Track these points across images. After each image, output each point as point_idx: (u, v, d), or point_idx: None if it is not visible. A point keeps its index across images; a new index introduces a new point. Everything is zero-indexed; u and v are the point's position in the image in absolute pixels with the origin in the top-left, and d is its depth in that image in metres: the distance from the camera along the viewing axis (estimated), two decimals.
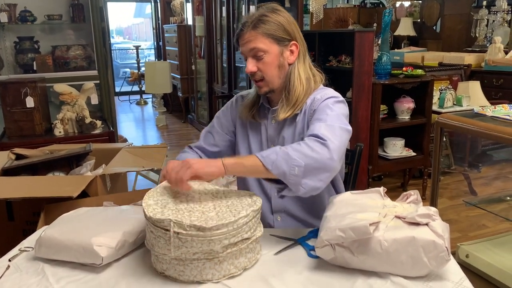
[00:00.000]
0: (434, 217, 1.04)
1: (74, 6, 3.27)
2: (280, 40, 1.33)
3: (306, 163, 1.11)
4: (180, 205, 1.09)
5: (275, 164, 1.10)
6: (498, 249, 1.95)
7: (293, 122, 1.39)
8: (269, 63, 1.33)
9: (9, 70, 3.29)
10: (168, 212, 1.04)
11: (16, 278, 1.08)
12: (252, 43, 1.31)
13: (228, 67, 5.03)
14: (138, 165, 2.10)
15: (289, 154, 1.11)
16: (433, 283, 1.00)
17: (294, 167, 1.10)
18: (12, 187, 1.81)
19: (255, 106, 1.45)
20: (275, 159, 1.11)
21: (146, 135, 6.18)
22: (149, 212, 1.04)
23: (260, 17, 1.31)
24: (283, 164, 1.10)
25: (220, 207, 1.09)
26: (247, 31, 1.31)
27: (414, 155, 3.33)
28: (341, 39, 3.25)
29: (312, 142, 1.15)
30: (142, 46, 10.12)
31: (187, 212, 1.06)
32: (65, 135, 3.00)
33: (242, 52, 1.36)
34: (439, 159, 1.98)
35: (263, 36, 1.30)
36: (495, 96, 4.10)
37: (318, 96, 1.35)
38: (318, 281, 1.03)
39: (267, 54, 1.32)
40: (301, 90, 1.36)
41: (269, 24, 1.31)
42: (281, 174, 1.11)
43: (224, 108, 1.56)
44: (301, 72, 1.37)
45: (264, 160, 1.11)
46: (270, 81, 1.35)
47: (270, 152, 1.13)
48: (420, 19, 5.80)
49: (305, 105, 1.37)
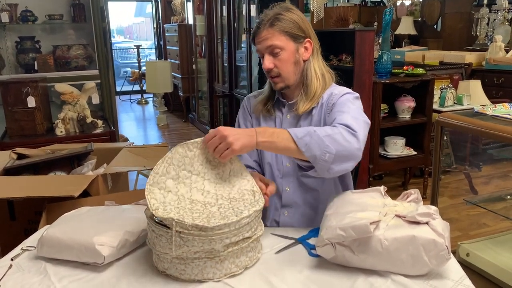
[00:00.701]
0: (434, 216, 1.04)
1: (75, 5, 3.27)
2: (296, 37, 1.37)
3: (337, 151, 1.15)
4: (182, 191, 1.10)
5: (308, 147, 1.14)
6: (498, 248, 1.95)
7: (309, 115, 1.43)
8: (286, 59, 1.37)
9: (10, 70, 3.29)
10: (169, 202, 1.05)
11: (18, 277, 1.09)
12: (269, 41, 1.35)
13: (229, 66, 5.03)
14: (139, 164, 2.11)
15: (323, 139, 1.15)
16: (433, 282, 1.00)
17: (326, 153, 1.14)
18: (13, 187, 1.82)
19: (270, 101, 1.49)
20: (308, 141, 1.14)
21: (147, 134, 6.18)
22: (152, 206, 1.04)
23: (276, 16, 1.35)
24: (316, 148, 1.14)
25: (222, 200, 1.09)
26: (264, 29, 1.35)
27: (414, 154, 3.33)
28: (342, 38, 3.25)
29: (344, 130, 1.19)
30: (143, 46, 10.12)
31: (189, 202, 1.07)
32: (66, 134, 3.00)
33: (258, 50, 1.39)
34: (440, 158, 1.98)
35: (280, 33, 1.35)
36: (496, 95, 4.10)
37: (336, 91, 1.40)
38: (318, 280, 1.03)
39: (283, 51, 1.36)
40: (318, 85, 1.41)
41: (285, 22, 1.35)
42: (312, 157, 1.15)
43: (241, 112, 1.59)
44: (316, 68, 1.42)
45: (298, 142, 1.15)
46: (286, 77, 1.39)
47: (304, 134, 1.16)
48: (421, 17, 5.80)
49: (321, 99, 1.41)
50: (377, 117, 3.12)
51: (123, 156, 2.22)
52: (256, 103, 1.51)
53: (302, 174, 1.25)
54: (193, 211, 1.05)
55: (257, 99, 1.52)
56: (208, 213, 1.04)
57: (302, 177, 1.43)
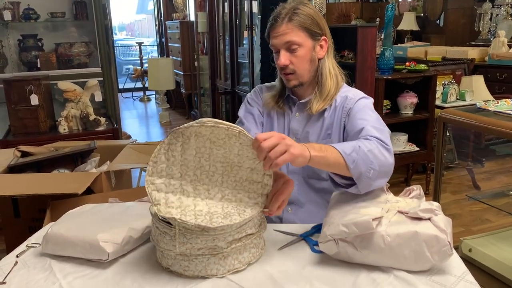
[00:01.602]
0: (436, 212, 1.05)
1: (77, 3, 3.28)
2: (314, 34, 1.34)
3: (379, 167, 1.13)
4: (187, 187, 1.07)
5: (355, 163, 1.10)
6: (501, 243, 1.95)
7: (321, 117, 1.40)
8: (302, 56, 1.34)
9: (13, 68, 3.31)
10: (172, 191, 1.04)
11: (24, 273, 1.09)
12: (287, 36, 1.31)
13: (231, 63, 5.03)
14: (142, 161, 2.11)
15: (368, 156, 1.12)
16: (435, 277, 1.01)
17: (370, 170, 1.12)
18: (17, 184, 1.83)
19: (281, 97, 1.46)
20: (356, 158, 1.11)
21: (150, 131, 6.19)
22: (154, 200, 1.03)
23: (294, 10, 1.32)
24: (362, 165, 1.11)
25: (227, 196, 1.08)
26: (283, 23, 1.31)
27: (417, 150, 3.32)
28: (344, 34, 3.24)
29: (380, 146, 1.17)
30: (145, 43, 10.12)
31: (192, 198, 1.06)
32: (69, 132, 3.01)
33: (273, 45, 1.35)
34: (442, 154, 1.98)
35: (299, 29, 1.31)
36: (499, 91, 4.08)
37: (350, 95, 1.38)
38: (321, 276, 1.04)
39: (301, 47, 1.33)
40: (332, 84, 1.39)
41: (303, 17, 1.32)
42: (357, 174, 1.11)
43: (252, 95, 1.53)
44: (330, 67, 1.40)
45: (347, 158, 1.10)
46: (301, 75, 1.36)
47: (351, 149, 1.12)
48: (423, 13, 5.78)
49: (334, 101, 1.39)
50: (379, 113, 3.09)
51: (126, 154, 2.23)
52: (268, 97, 1.47)
53: (308, 175, 1.21)
54: (196, 204, 1.05)
55: (269, 94, 1.48)
56: (211, 213, 1.04)
57: (309, 178, 1.42)
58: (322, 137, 1.40)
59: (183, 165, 1.07)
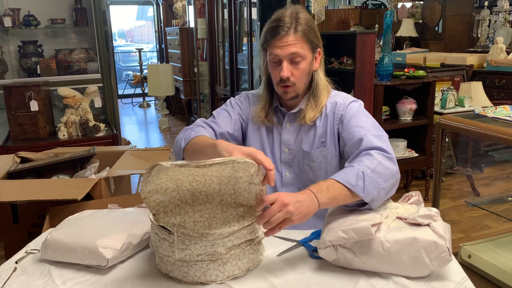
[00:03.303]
0: (435, 218, 1.05)
1: (77, 10, 3.30)
2: (314, 46, 1.33)
3: (387, 183, 1.14)
4: (184, 194, 1.01)
5: (366, 191, 1.10)
6: (500, 250, 1.95)
7: (312, 126, 1.39)
8: (303, 69, 1.32)
9: (13, 74, 3.31)
10: (170, 208, 1.02)
11: (22, 280, 1.09)
12: (294, 47, 1.27)
13: (230, 69, 5.05)
14: (142, 167, 2.11)
15: (373, 178, 1.12)
16: (434, 283, 1.01)
17: (381, 190, 1.12)
18: (17, 190, 1.83)
19: (269, 110, 1.42)
20: (363, 186, 1.10)
21: (149, 137, 6.20)
22: (152, 209, 1.01)
23: (297, 18, 1.28)
24: (372, 190, 1.11)
25: (226, 200, 1.04)
26: (289, 33, 1.26)
27: (416, 156, 3.33)
28: (343, 40, 3.25)
29: (381, 157, 1.17)
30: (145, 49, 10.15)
31: (190, 204, 1.02)
32: (69, 138, 3.01)
33: (276, 55, 1.29)
34: (441, 160, 1.99)
35: (304, 41, 1.28)
36: (498, 97, 4.10)
37: (340, 100, 1.38)
38: (320, 282, 1.04)
39: (304, 60, 1.30)
40: (325, 94, 1.39)
41: (305, 28, 1.28)
42: (371, 198, 1.11)
43: (238, 99, 1.49)
44: (323, 78, 1.39)
45: (356, 189, 1.09)
46: (299, 87, 1.34)
47: (355, 178, 1.10)
48: (421, 20, 5.81)
49: (325, 108, 1.38)
50: (378, 119, 3.12)
51: (126, 159, 2.23)
52: (259, 111, 1.42)
53: (304, 185, 1.20)
54: (195, 209, 1.03)
55: (258, 106, 1.43)
56: (210, 220, 1.03)
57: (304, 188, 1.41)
58: (316, 146, 1.39)
59: (178, 180, 0.99)
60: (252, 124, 1.46)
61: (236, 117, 1.44)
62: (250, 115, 1.46)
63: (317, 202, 1.04)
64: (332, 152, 1.38)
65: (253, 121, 1.45)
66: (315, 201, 1.04)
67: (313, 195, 1.05)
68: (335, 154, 1.39)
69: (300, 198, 1.02)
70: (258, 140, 1.45)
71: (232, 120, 1.43)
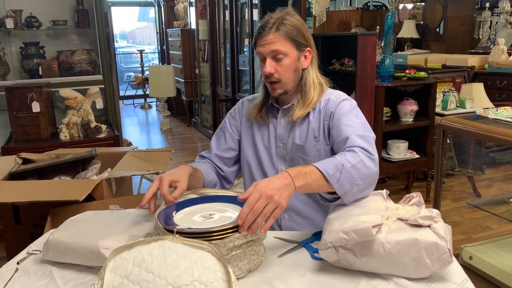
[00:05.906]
0: (436, 219, 1.05)
1: (79, 11, 3.30)
2: (299, 45, 1.37)
3: (362, 181, 1.16)
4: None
5: (340, 183, 1.14)
6: (501, 251, 1.95)
7: (305, 120, 1.43)
8: (288, 66, 1.37)
9: (15, 76, 3.32)
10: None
11: (24, 280, 1.10)
12: (274, 45, 1.34)
13: (232, 70, 5.06)
14: (143, 168, 2.12)
15: (351, 172, 1.15)
16: (435, 285, 1.01)
17: (354, 186, 1.15)
18: (19, 191, 1.84)
19: (263, 107, 1.48)
20: (339, 177, 1.13)
21: (151, 138, 6.20)
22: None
23: (281, 20, 1.35)
24: (346, 183, 1.14)
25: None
26: (270, 33, 1.34)
27: (417, 157, 3.33)
28: (344, 42, 3.26)
29: (363, 156, 1.20)
30: (146, 50, 10.17)
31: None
32: (70, 139, 3.02)
33: (260, 53, 1.38)
34: (442, 161, 1.99)
35: (286, 39, 1.34)
36: (499, 98, 4.09)
37: (333, 97, 1.42)
38: (321, 283, 1.04)
39: (286, 57, 1.36)
40: (315, 93, 1.42)
41: (289, 27, 1.35)
42: (342, 191, 1.15)
43: (232, 111, 1.59)
44: (314, 77, 1.43)
45: (331, 180, 1.13)
46: (285, 84, 1.39)
47: (334, 169, 1.14)
48: (423, 21, 5.81)
49: (318, 104, 1.42)
50: (379, 120, 3.13)
51: (127, 161, 2.23)
52: (251, 109, 1.50)
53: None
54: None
55: (251, 105, 1.52)
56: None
57: None
58: (309, 140, 1.42)
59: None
60: (245, 122, 1.53)
61: (230, 131, 1.55)
62: (243, 116, 1.54)
63: (294, 186, 1.08)
64: (325, 147, 1.42)
65: (247, 119, 1.53)
66: (292, 185, 1.08)
67: (291, 179, 1.08)
68: (328, 149, 1.42)
69: (279, 184, 1.05)
70: (250, 136, 1.53)
71: (227, 142, 1.54)
